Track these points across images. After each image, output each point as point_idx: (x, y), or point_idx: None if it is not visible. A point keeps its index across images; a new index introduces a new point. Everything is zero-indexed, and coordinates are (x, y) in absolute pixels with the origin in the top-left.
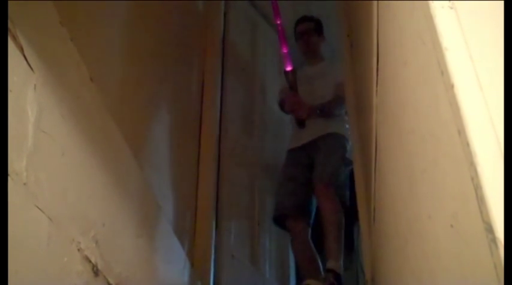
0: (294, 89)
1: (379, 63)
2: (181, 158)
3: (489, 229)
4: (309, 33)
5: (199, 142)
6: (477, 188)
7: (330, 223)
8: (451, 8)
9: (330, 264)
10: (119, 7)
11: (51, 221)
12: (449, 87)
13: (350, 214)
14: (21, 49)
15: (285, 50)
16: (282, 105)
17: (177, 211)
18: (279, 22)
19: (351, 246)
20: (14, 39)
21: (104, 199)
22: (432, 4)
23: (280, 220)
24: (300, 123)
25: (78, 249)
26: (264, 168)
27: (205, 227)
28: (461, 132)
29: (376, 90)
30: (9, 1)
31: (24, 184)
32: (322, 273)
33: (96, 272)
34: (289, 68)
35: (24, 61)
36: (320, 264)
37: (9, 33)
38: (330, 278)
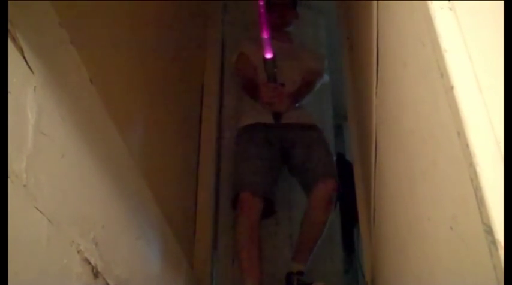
0: (273, 79)
1: (379, 64)
2: (180, 159)
3: (489, 231)
4: (284, 5)
5: (199, 143)
6: (477, 189)
7: (319, 222)
8: (451, 9)
9: (300, 266)
10: (119, 9)
11: (50, 223)
12: (449, 88)
13: (350, 216)
14: (21, 51)
15: (265, 35)
16: (248, 83)
17: (177, 212)
18: (262, 3)
19: (351, 248)
20: (14, 40)
21: (104, 200)
22: (432, 6)
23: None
24: (277, 116)
25: (78, 251)
26: None
27: (205, 230)
28: (460, 133)
29: (376, 91)
30: (9, 2)
31: (24, 185)
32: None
33: (95, 273)
34: (269, 55)
35: (24, 63)
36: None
37: (9, 34)
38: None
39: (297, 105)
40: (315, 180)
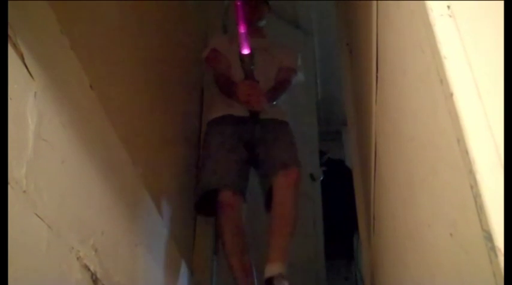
0: (250, 76)
1: (379, 71)
2: (180, 163)
3: (488, 237)
4: None
5: (198, 147)
6: (476, 196)
7: (289, 217)
8: (450, 16)
9: (278, 268)
10: (119, 15)
11: (50, 229)
12: (449, 95)
13: (350, 222)
14: (22, 57)
15: (242, 30)
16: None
17: (176, 218)
18: None
19: (350, 254)
20: (15, 46)
21: (103, 207)
22: (431, 12)
23: (209, 199)
24: (254, 115)
25: (77, 258)
26: None
27: (205, 235)
28: (460, 140)
29: (376, 98)
30: (9, 8)
31: (24, 191)
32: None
33: (95, 280)
34: (246, 51)
35: (25, 69)
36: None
37: (9, 40)
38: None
39: (273, 103)
40: (275, 170)
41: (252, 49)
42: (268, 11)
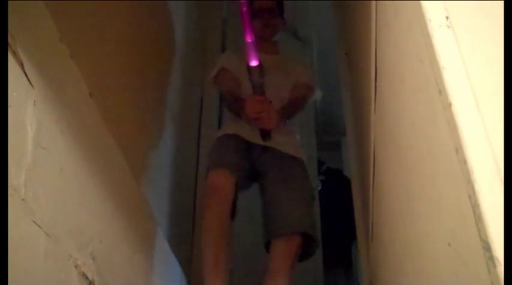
0: (260, 90)
1: (377, 80)
2: (179, 168)
3: (487, 247)
4: (271, 12)
5: (197, 150)
6: (475, 206)
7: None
8: (449, 27)
9: None
10: (119, 23)
11: (48, 237)
12: (447, 105)
13: (348, 231)
14: (21, 65)
15: (249, 39)
16: (230, 97)
17: (175, 225)
18: (244, 0)
19: (349, 263)
20: (14, 54)
21: (102, 215)
22: (430, 23)
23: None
24: (265, 134)
25: (75, 266)
26: None
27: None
28: (458, 150)
29: (375, 107)
30: (9, 16)
31: (23, 199)
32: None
33: None
34: (255, 62)
35: (24, 77)
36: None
37: (9, 48)
38: None
39: (287, 122)
40: (277, 231)
41: (263, 65)
42: (284, 27)
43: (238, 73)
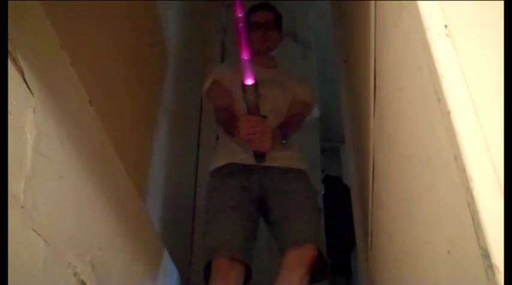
0: (255, 110)
1: (376, 88)
2: (179, 168)
3: (486, 255)
4: (269, 25)
5: (197, 150)
6: (474, 214)
7: None
8: (447, 35)
9: None
10: (119, 31)
11: (47, 245)
12: (446, 113)
13: (347, 239)
14: (21, 73)
15: (245, 56)
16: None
17: (175, 226)
18: (240, 15)
19: (348, 271)
20: (14, 62)
21: (101, 222)
22: (428, 31)
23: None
24: (259, 156)
25: (74, 274)
26: None
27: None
28: (457, 157)
29: (374, 115)
30: (9, 24)
31: (22, 207)
32: None
33: None
34: (250, 81)
35: (24, 85)
36: None
37: (9, 56)
38: None
39: (283, 141)
40: (288, 245)
41: (259, 80)
42: (282, 41)
43: (232, 87)
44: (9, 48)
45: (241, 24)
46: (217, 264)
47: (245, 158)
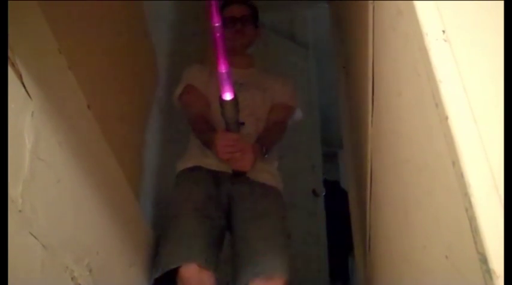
0: (234, 127)
1: (374, 93)
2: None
3: (483, 260)
4: (244, 19)
5: None
6: (471, 219)
7: None
8: (445, 40)
9: None
10: (117, 36)
11: (45, 249)
12: (444, 118)
13: (345, 244)
14: (20, 77)
15: (223, 69)
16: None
17: None
18: (217, 24)
19: (346, 275)
20: (13, 66)
21: (99, 227)
22: (426, 36)
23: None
24: (238, 175)
25: (72, 278)
26: None
27: None
28: (455, 163)
29: (372, 120)
30: (9, 29)
31: (20, 211)
32: None
33: None
34: (229, 96)
35: (23, 89)
36: None
37: (8, 60)
38: None
39: (265, 156)
40: (255, 277)
41: (236, 82)
42: (259, 37)
43: (207, 91)
44: (9, 52)
45: (218, 34)
46: (185, 272)
47: (215, 164)
